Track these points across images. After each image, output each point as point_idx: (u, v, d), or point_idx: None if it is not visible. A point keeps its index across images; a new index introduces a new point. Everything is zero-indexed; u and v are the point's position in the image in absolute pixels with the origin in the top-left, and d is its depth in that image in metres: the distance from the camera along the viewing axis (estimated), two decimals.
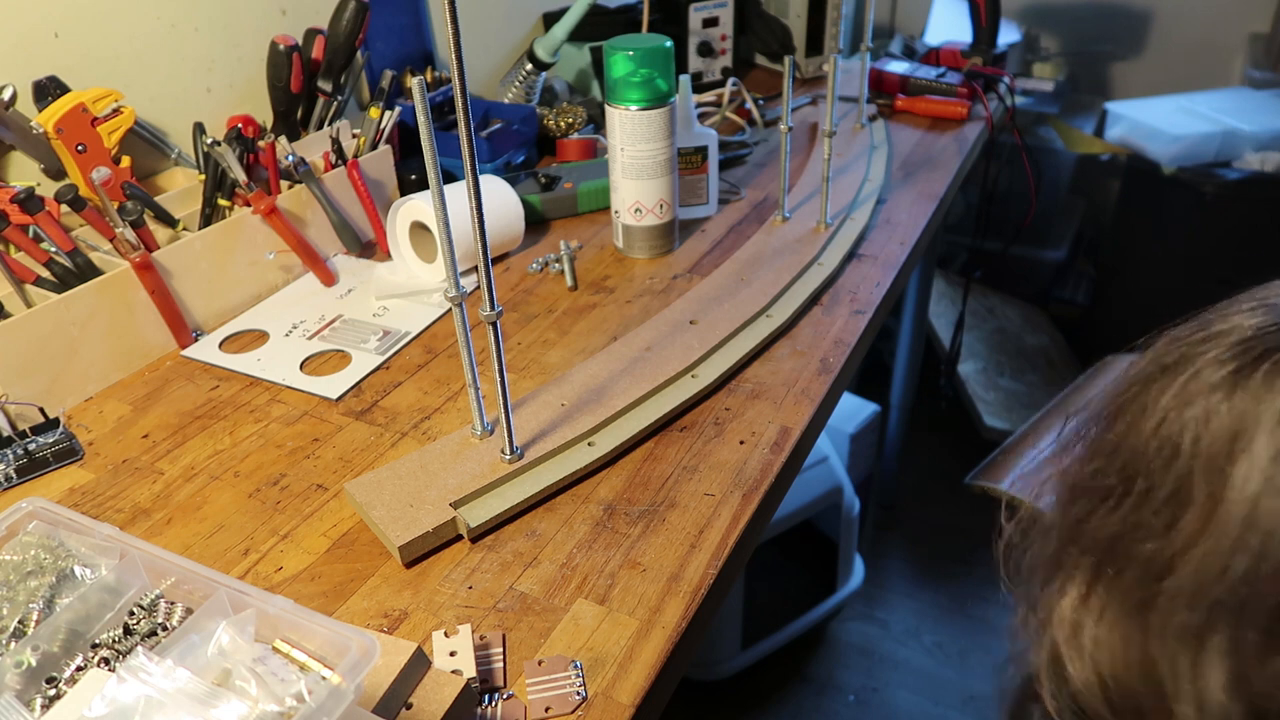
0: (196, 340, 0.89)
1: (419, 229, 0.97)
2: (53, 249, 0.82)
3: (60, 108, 0.86)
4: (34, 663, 0.46)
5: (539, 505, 0.68)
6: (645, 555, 0.63)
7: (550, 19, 1.45)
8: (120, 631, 0.49)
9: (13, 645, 0.47)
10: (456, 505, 0.65)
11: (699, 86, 1.47)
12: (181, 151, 1.02)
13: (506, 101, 1.30)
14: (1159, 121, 1.96)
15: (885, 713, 1.65)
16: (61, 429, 0.76)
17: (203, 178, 0.95)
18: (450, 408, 0.79)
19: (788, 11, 1.53)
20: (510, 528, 0.66)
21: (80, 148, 0.88)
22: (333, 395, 0.81)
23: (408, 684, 0.50)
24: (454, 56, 0.54)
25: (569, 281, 0.97)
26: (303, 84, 1.04)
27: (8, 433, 0.75)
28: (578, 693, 0.53)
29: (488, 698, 0.54)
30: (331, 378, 0.83)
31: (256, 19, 1.08)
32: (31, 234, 0.82)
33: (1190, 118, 1.96)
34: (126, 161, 0.92)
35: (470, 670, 0.54)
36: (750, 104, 1.39)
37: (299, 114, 1.07)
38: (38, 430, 0.75)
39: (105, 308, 0.81)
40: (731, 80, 1.43)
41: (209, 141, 0.93)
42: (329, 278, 0.98)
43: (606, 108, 0.96)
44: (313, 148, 1.04)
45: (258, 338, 0.90)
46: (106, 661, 0.48)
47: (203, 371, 0.85)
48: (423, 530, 0.63)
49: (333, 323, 0.91)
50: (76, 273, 0.82)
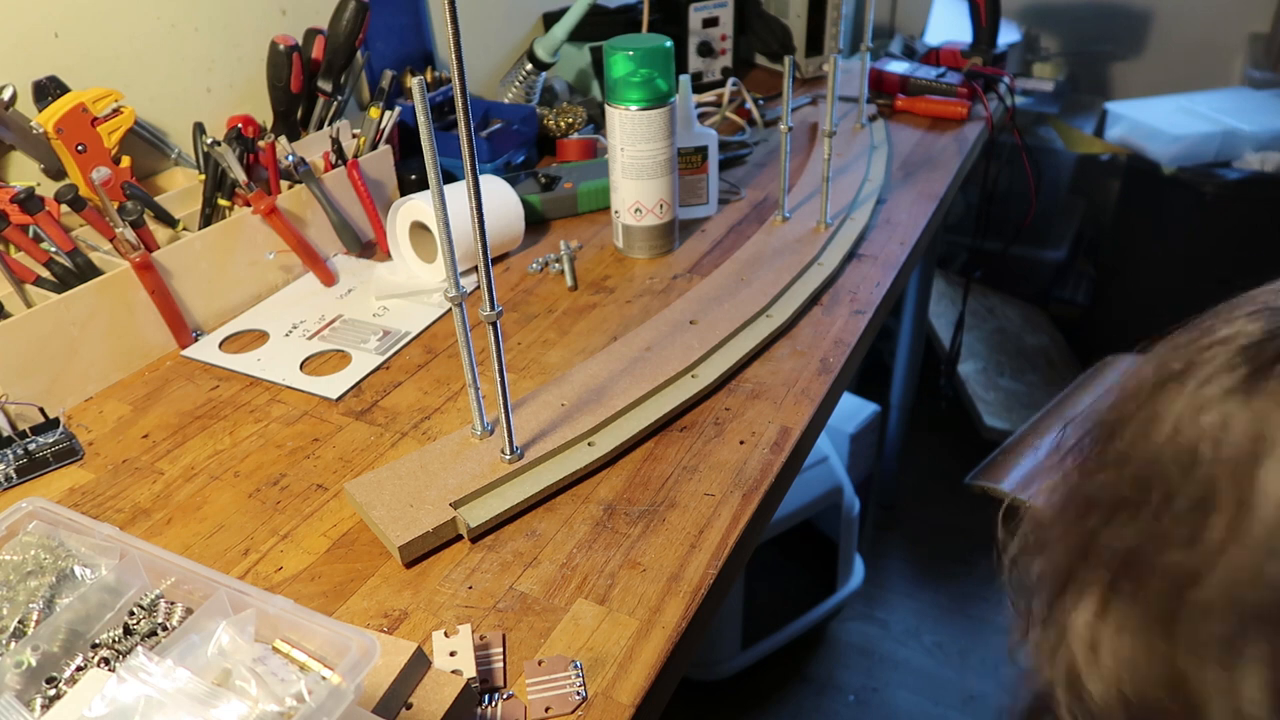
0: (196, 340, 0.89)
1: (419, 229, 0.97)
2: (53, 249, 0.82)
3: (60, 108, 0.87)
4: (34, 663, 0.46)
5: (539, 505, 0.68)
6: (645, 555, 0.63)
7: (550, 19, 1.45)
8: (120, 631, 0.49)
9: (13, 645, 0.47)
10: (456, 505, 0.65)
11: (699, 86, 1.47)
12: (181, 151, 1.02)
13: (506, 101, 1.30)
14: (1159, 121, 1.96)
15: (885, 713, 1.65)
16: (61, 429, 0.76)
17: (203, 178, 0.95)
18: (450, 408, 0.79)
19: (788, 11, 1.53)
20: (510, 528, 0.66)
21: (80, 148, 0.88)
22: (333, 395, 0.81)
23: (408, 684, 0.50)
24: (454, 56, 0.54)
25: (569, 281, 0.97)
26: (303, 84, 1.04)
27: (8, 433, 0.75)
28: (578, 693, 0.53)
29: (488, 698, 0.54)
30: (331, 378, 0.83)
31: (256, 19, 1.08)
32: (31, 234, 0.82)
33: (1190, 118, 1.96)
34: (126, 161, 0.92)
35: (470, 670, 0.54)
36: (750, 104, 1.39)
37: (299, 114, 1.07)
38: (38, 430, 0.75)
39: (105, 308, 0.81)
40: (731, 80, 1.43)
41: (209, 141, 0.93)
42: (329, 278, 0.98)
43: (606, 108, 0.96)
44: (313, 148, 1.04)
45: (258, 338, 0.90)
46: (106, 661, 0.48)
47: (203, 371, 0.85)
48: (423, 530, 0.63)
49: (333, 323, 0.91)
50: (76, 273, 0.82)
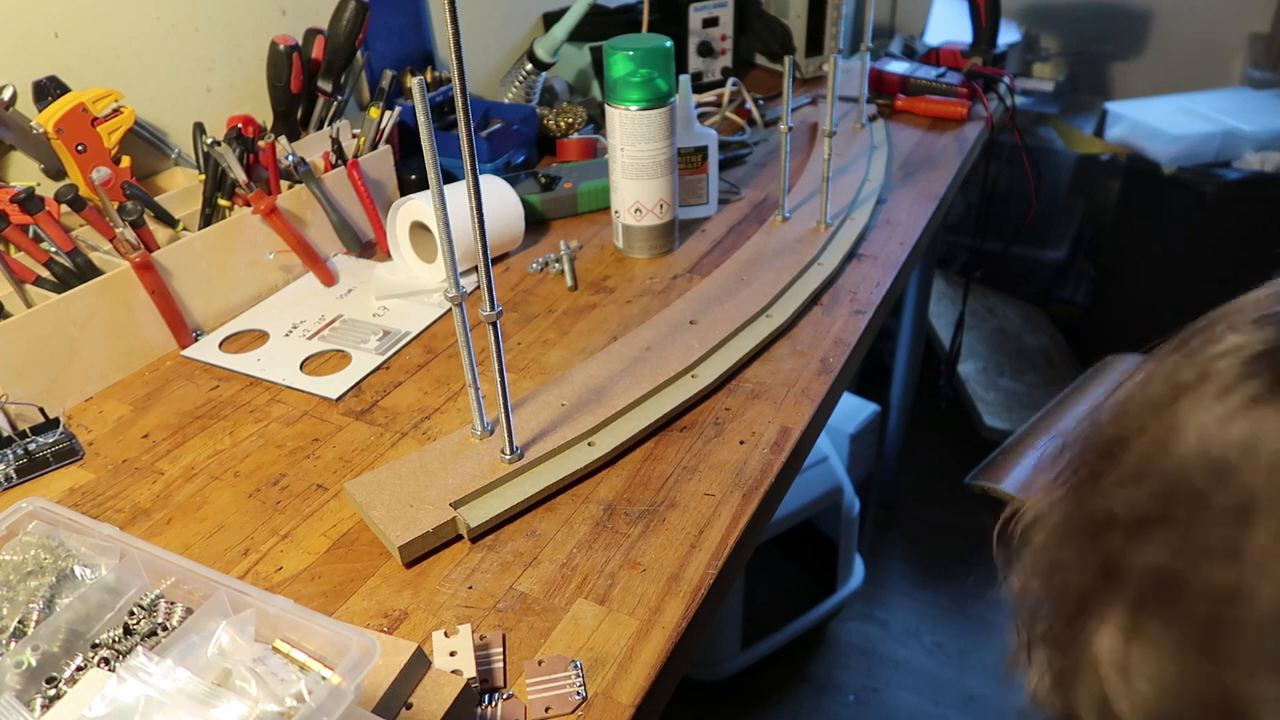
0: (196, 340, 0.89)
1: (419, 229, 0.97)
2: (53, 249, 0.82)
3: (60, 108, 0.87)
4: (34, 663, 0.46)
5: (539, 505, 0.68)
6: (645, 555, 0.63)
7: (550, 19, 1.45)
8: (120, 631, 0.49)
9: (13, 645, 0.47)
10: (456, 505, 0.65)
11: (699, 86, 1.47)
12: (181, 151, 1.02)
13: (506, 101, 1.30)
14: (1159, 121, 1.96)
15: (885, 713, 1.65)
16: (61, 429, 0.76)
17: (203, 178, 0.95)
18: (450, 408, 0.79)
19: (788, 11, 1.53)
20: (510, 528, 0.66)
21: (80, 148, 0.88)
22: (333, 395, 0.81)
23: (408, 684, 0.50)
24: (454, 56, 0.54)
25: (569, 281, 0.97)
26: (303, 84, 1.04)
27: (8, 433, 0.75)
28: (578, 693, 0.53)
29: (488, 698, 0.54)
30: (331, 378, 0.83)
31: (256, 19, 1.08)
32: (31, 234, 0.82)
33: (1190, 118, 1.96)
34: (126, 161, 0.92)
35: (470, 670, 0.54)
36: (750, 104, 1.39)
37: (299, 114, 1.07)
38: (38, 430, 0.75)
39: (105, 308, 0.81)
40: (731, 80, 1.43)
41: (209, 141, 0.93)
42: (329, 278, 0.98)
43: (606, 108, 0.96)
44: (313, 148, 1.04)
45: (258, 338, 0.90)
46: (106, 661, 0.48)
47: (203, 371, 0.85)
48: (423, 530, 0.63)
49: (333, 323, 0.91)
50: (76, 273, 0.82)
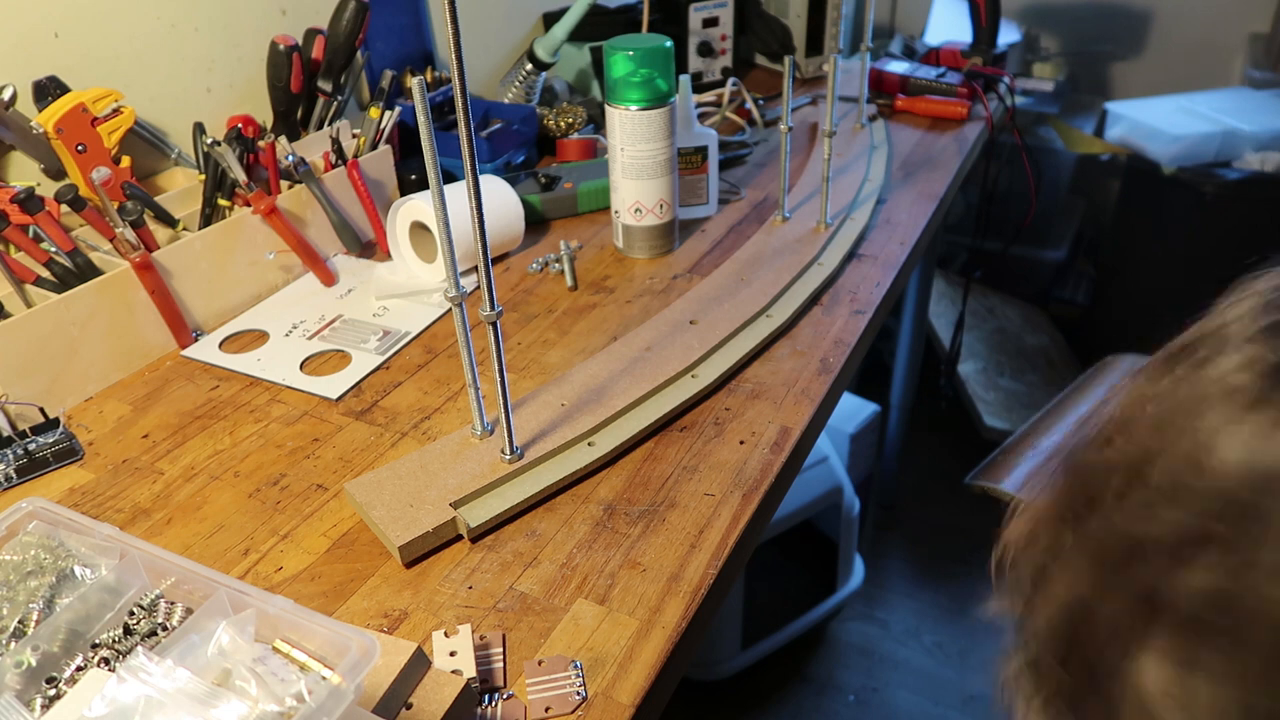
0: (196, 340, 0.89)
1: (419, 229, 0.97)
2: (53, 249, 0.82)
3: (60, 108, 0.87)
4: (34, 663, 0.46)
5: (539, 505, 0.68)
6: (645, 555, 0.63)
7: (550, 19, 1.45)
8: (120, 631, 0.49)
9: (13, 645, 0.47)
10: (456, 505, 0.65)
11: (699, 86, 1.47)
12: (181, 151, 1.02)
13: (506, 101, 1.30)
14: (1159, 121, 1.96)
15: (885, 713, 1.65)
16: (61, 429, 0.76)
17: (203, 178, 0.95)
18: (450, 408, 0.79)
19: (788, 11, 1.53)
20: (510, 528, 0.66)
21: (80, 148, 0.88)
22: (333, 395, 0.81)
23: (408, 684, 0.50)
24: (454, 56, 0.54)
25: (569, 281, 0.97)
26: (303, 84, 1.04)
27: (8, 433, 0.75)
28: (578, 693, 0.53)
29: (488, 698, 0.54)
30: (331, 378, 0.83)
31: (256, 19, 1.08)
32: (31, 234, 0.82)
33: (1190, 118, 1.96)
34: (126, 161, 0.92)
35: (470, 670, 0.54)
36: (750, 104, 1.39)
37: (299, 114, 1.07)
38: (38, 430, 0.75)
39: (105, 308, 0.81)
40: (731, 80, 1.43)
41: (209, 141, 0.93)
42: (329, 278, 0.98)
43: (606, 108, 0.96)
44: (313, 148, 1.04)
45: (258, 338, 0.90)
46: (106, 661, 0.48)
47: (203, 371, 0.85)
48: (423, 530, 0.63)
49: (333, 323, 0.91)
50: (76, 273, 0.82)
